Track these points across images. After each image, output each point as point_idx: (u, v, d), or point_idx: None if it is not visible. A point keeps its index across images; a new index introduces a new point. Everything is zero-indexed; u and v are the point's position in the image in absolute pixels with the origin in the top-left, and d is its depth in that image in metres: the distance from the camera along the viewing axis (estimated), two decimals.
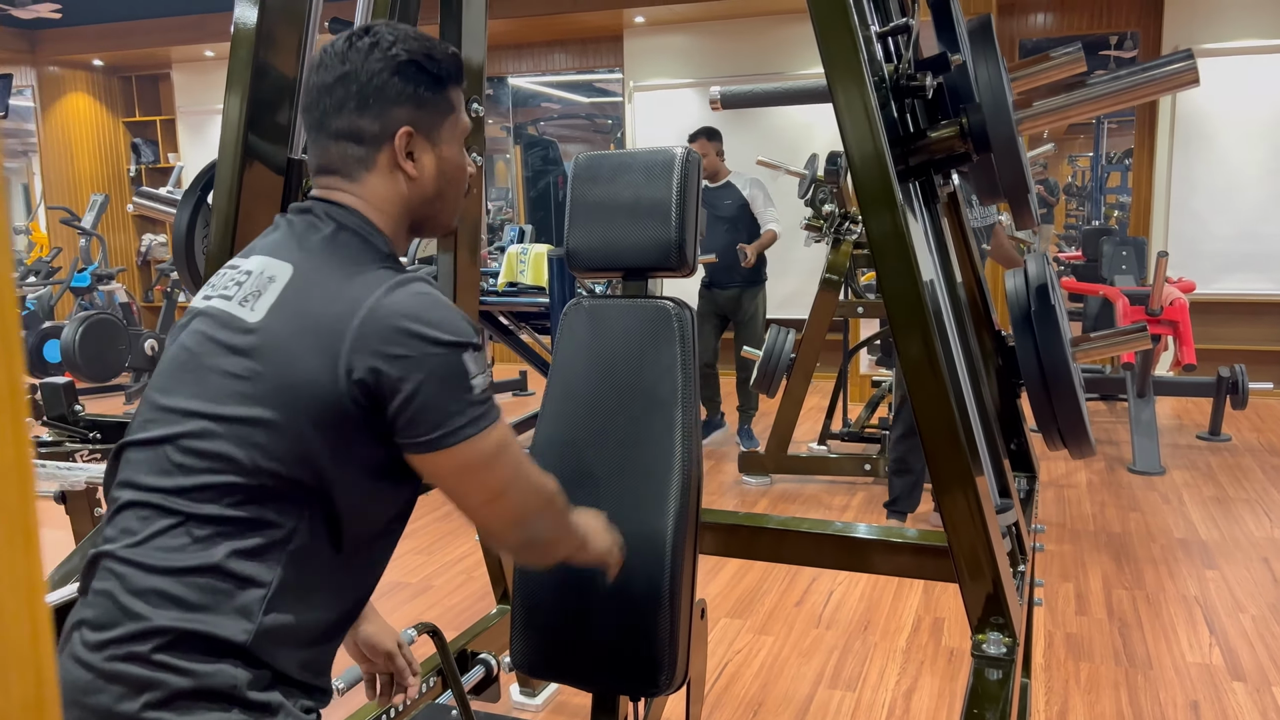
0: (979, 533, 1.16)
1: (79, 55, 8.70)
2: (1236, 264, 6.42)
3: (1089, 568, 3.60)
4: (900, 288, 1.14)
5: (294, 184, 1.65)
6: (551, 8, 7.06)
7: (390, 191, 1.16)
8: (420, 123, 1.17)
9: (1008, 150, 1.25)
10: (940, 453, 1.15)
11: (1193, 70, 1.24)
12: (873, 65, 1.23)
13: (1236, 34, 6.32)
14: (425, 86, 1.17)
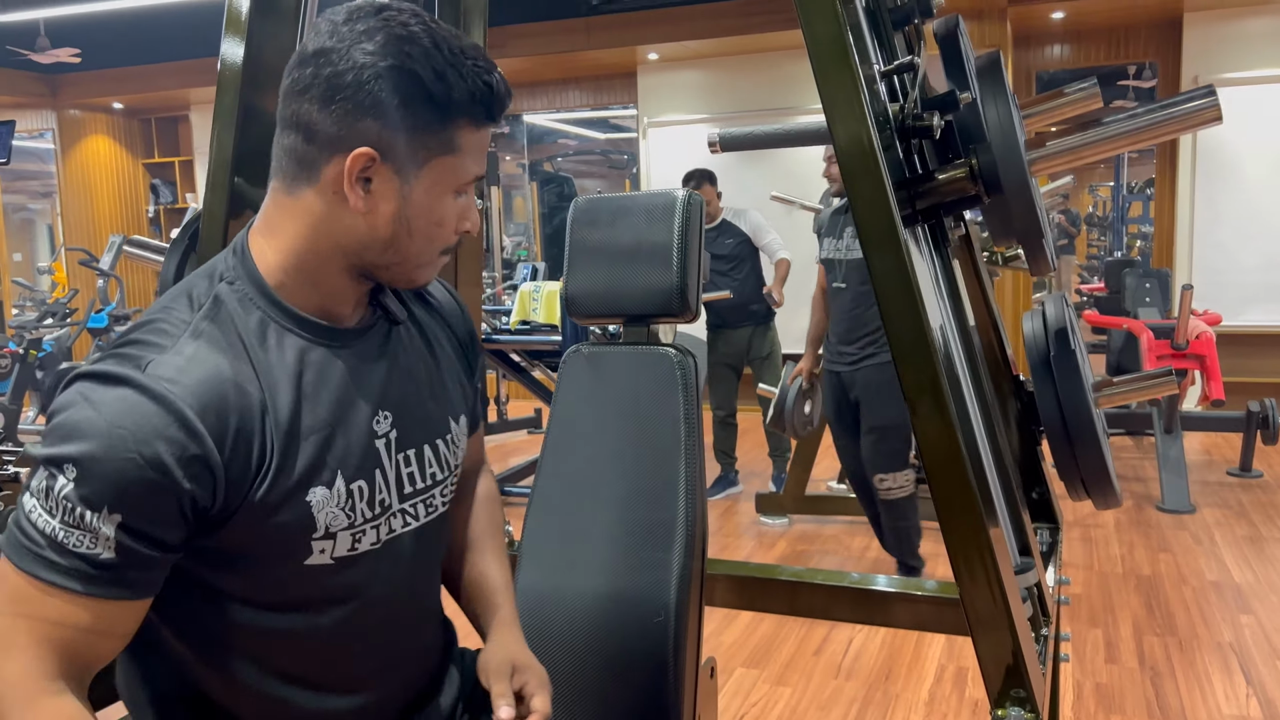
0: (996, 602, 1.08)
1: (99, 99, 8.81)
2: (1264, 295, 6.29)
3: (1118, 612, 3.48)
4: (907, 341, 1.07)
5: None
6: (565, 45, 7.08)
7: (324, 219, 0.94)
8: (391, 149, 0.92)
9: (1020, 193, 1.19)
10: (953, 517, 1.08)
11: (1215, 107, 1.17)
12: (876, 105, 1.17)
13: (1257, 63, 6.24)
14: (418, 108, 0.91)
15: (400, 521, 1.05)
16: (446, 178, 0.95)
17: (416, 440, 1.05)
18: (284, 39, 1.56)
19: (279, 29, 1.55)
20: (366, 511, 1.00)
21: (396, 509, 1.04)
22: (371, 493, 1.00)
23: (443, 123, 0.93)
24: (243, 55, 1.48)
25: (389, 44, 0.91)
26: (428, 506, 1.08)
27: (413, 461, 1.05)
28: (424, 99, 0.92)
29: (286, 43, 1.56)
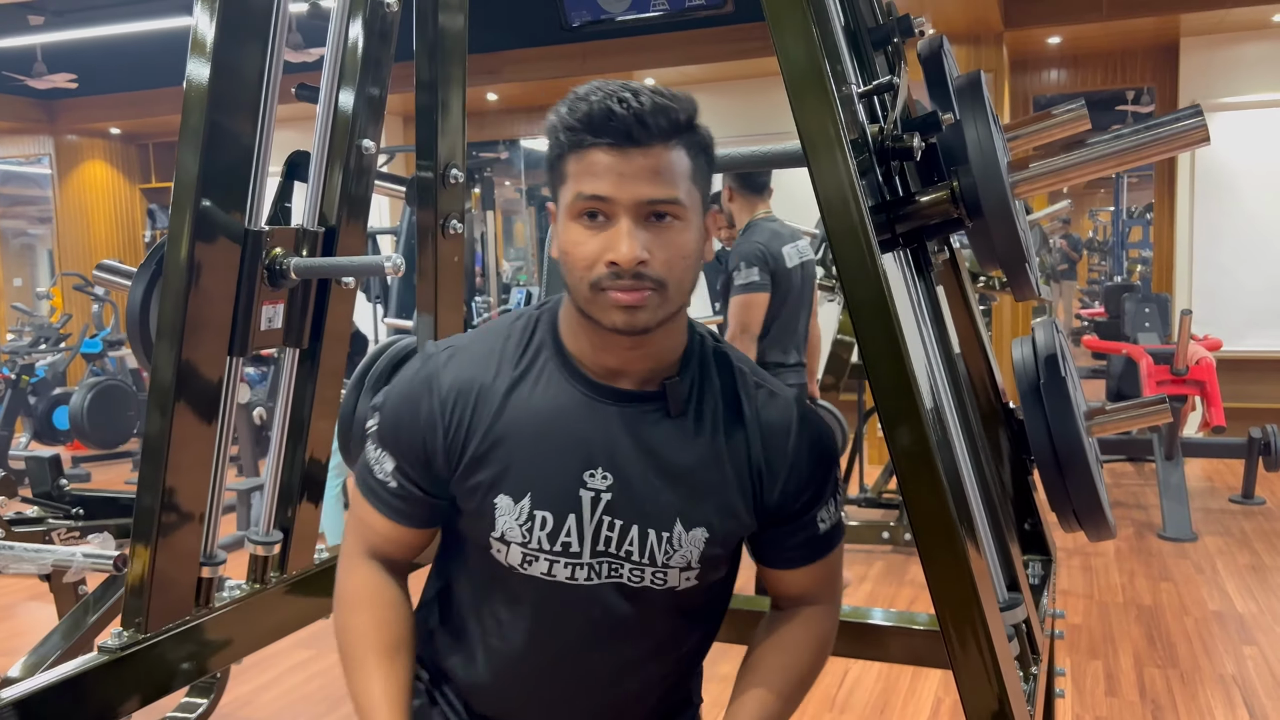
0: (979, 643, 1.03)
1: (96, 124, 8.82)
2: (1264, 320, 6.25)
3: (1119, 643, 3.41)
4: (885, 370, 1.03)
5: (252, 257, 1.57)
6: (561, 71, 7.08)
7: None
8: (552, 192, 1.08)
9: (1001, 215, 1.14)
10: (933, 553, 1.03)
11: (1202, 128, 1.13)
12: (854, 126, 1.13)
13: (1254, 88, 6.23)
14: (549, 149, 1.08)
15: (601, 573, 1.12)
16: (567, 206, 1.05)
17: (629, 515, 1.11)
18: (252, 61, 1.53)
19: (247, 51, 1.51)
20: (545, 542, 1.11)
21: (588, 560, 1.11)
22: (556, 528, 1.10)
23: (557, 155, 1.06)
24: (208, 76, 1.45)
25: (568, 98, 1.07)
26: (631, 576, 1.12)
27: (617, 529, 1.11)
28: (549, 138, 1.07)
29: (254, 65, 1.53)
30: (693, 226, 1.07)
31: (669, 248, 1.04)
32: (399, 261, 1.50)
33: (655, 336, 1.08)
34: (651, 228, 1.03)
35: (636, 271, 1.01)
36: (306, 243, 1.72)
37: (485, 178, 6.24)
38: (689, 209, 1.06)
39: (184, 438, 1.56)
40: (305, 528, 1.91)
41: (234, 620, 1.72)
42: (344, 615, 1.22)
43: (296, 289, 1.71)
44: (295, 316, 1.73)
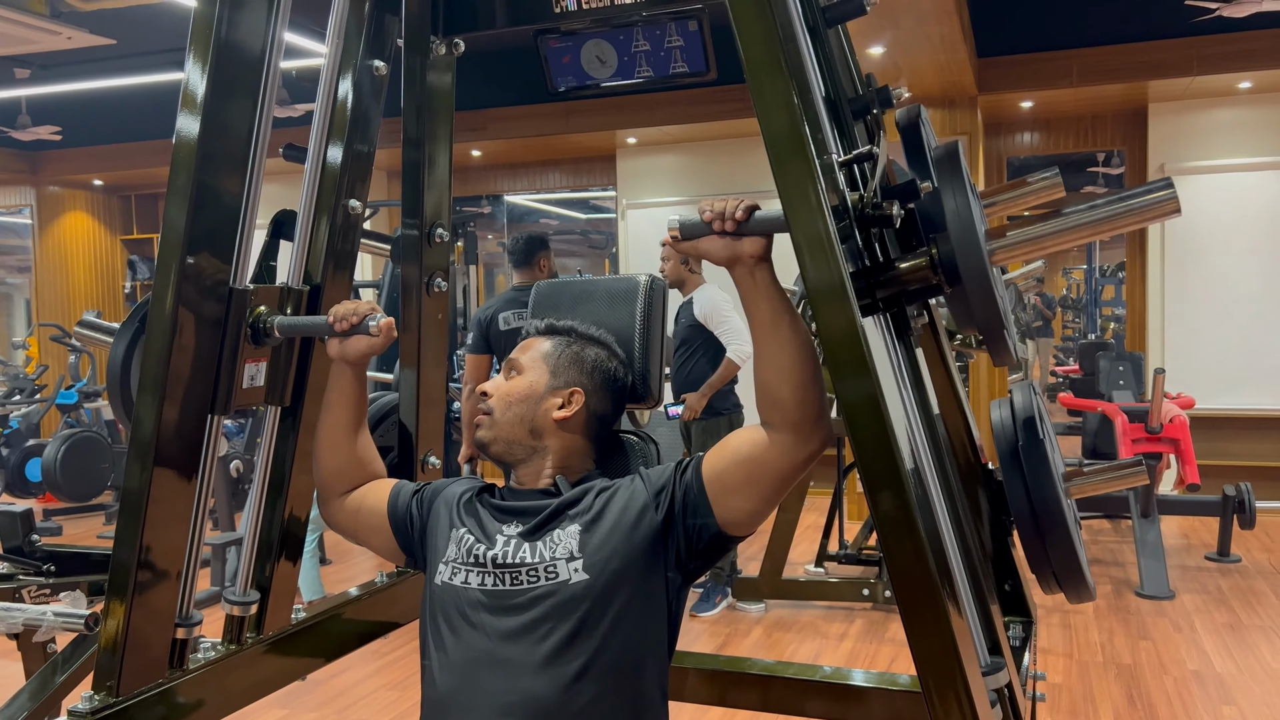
0: (963, 710, 1.03)
1: (79, 175, 8.82)
2: (1237, 379, 6.33)
3: (1099, 703, 3.40)
4: (866, 434, 1.04)
5: (236, 315, 1.57)
6: (546, 129, 7.17)
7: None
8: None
9: (979, 283, 1.17)
10: (915, 617, 1.03)
11: (1173, 200, 1.17)
12: (834, 193, 1.16)
13: (1220, 153, 6.38)
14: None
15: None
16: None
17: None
18: (242, 119, 1.54)
19: (237, 109, 1.53)
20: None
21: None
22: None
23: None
24: (198, 133, 1.46)
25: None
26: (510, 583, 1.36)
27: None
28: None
29: (244, 123, 1.54)
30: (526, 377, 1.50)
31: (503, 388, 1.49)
32: (384, 321, 1.51)
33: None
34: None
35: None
36: (291, 301, 1.73)
37: (469, 232, 6.28)
38: (528, 368, 1.50)
39: (163, 494, 1.54)
40: (283, 585, 1.89)
41: (209, 682, 1.69)
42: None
43: (280, 346, 1.71)
44: (278, 374, 1.73)
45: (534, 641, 1.30)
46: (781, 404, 1.26)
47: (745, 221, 1.22)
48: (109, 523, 6.70)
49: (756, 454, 1.30)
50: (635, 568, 1.35)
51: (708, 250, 1.27)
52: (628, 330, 1.63)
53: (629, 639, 1.31)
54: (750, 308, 1.27)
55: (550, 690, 1.27)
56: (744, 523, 1.36)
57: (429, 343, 2.16)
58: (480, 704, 1.29)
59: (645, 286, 1.65)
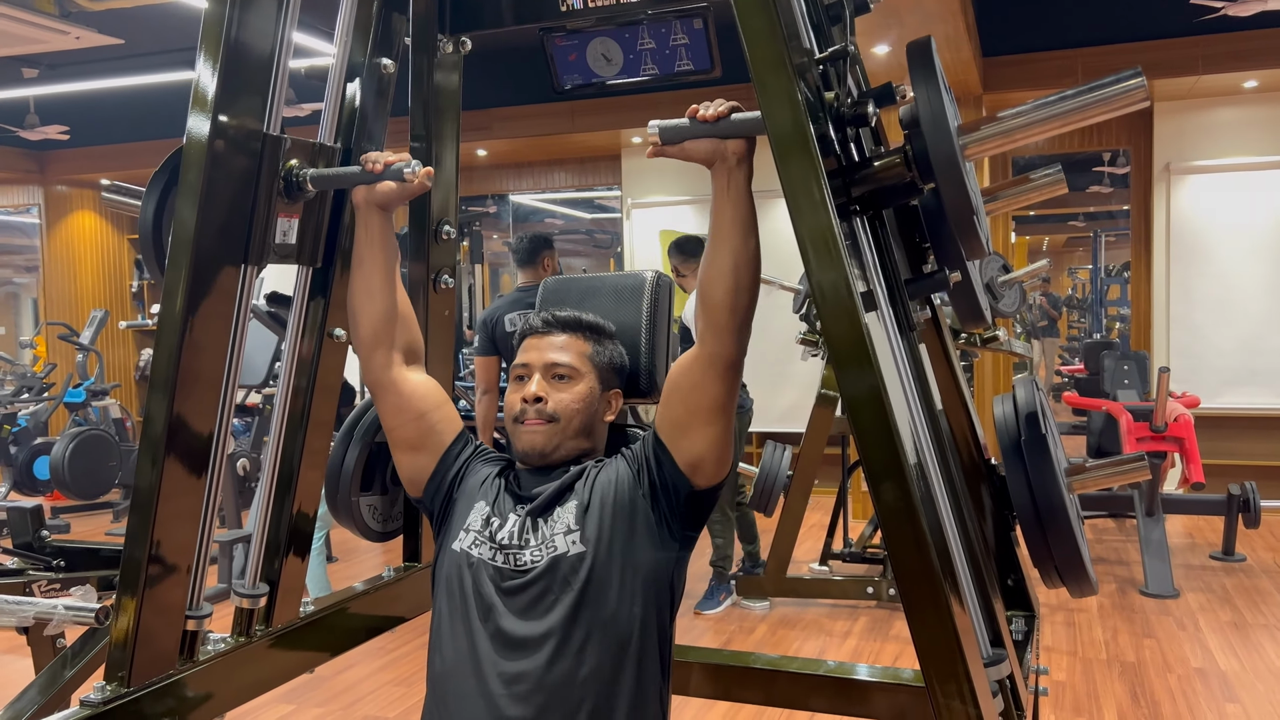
0: (964, 700, 1.05)
1: (86, 174, 8.86)
2: (1241, 378, 6.33)
3: (1103, 700, 3.41)
4: (870, 427, 1.06)
5: (269, 164, 1.57)
6: (551, 128, 7.19)
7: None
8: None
9: (950, 173, 1.19)
10: (918, 610, 1.05)
11: (1141, 89, 1.19)
12: (811, 93, 1.17)
13: (1226, 151, 6.38)
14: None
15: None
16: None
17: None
18: (251, 117, 1.56)
19: (246, 108, 1.55)
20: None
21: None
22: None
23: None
24: (208, 132, 1.48)
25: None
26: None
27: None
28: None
29: (253, 121, 1.56)
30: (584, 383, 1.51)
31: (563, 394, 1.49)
32: (422, 169, 1.51)
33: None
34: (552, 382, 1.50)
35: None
36: (323, 158, 1.72)
37: (474, 231, 6.30)
38: (582, 373, 1.51)
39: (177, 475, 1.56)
40: (291, 580, 1.90)
41: (219, 674, 1.70)
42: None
43: (313, 204, 1.68)
44: (309, 232, 1.67)
45: (537, 615, 1.33)
46: (713, 304, 1.32)
47: (725, 116, 1.26)
48: (117, 520, 6.73)
49: (685, 377, 1.38)
50: (630, 539, 1.39)
51: (691, 150, 1.31)
52: (634, 326, 1.65)
53: (629, 609, 1.35)
54: (717, 209, 1.31)
55: (556, 659, 1.30)
56: (705, 461, 1.39)
57: (436, 340, 2.17)
58: (488, 673, 1.31)
59: (651, 283, 1.67)
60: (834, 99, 1.23)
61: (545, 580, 1.35)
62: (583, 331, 1.56)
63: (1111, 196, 9.44)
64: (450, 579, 1.44)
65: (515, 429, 1.50)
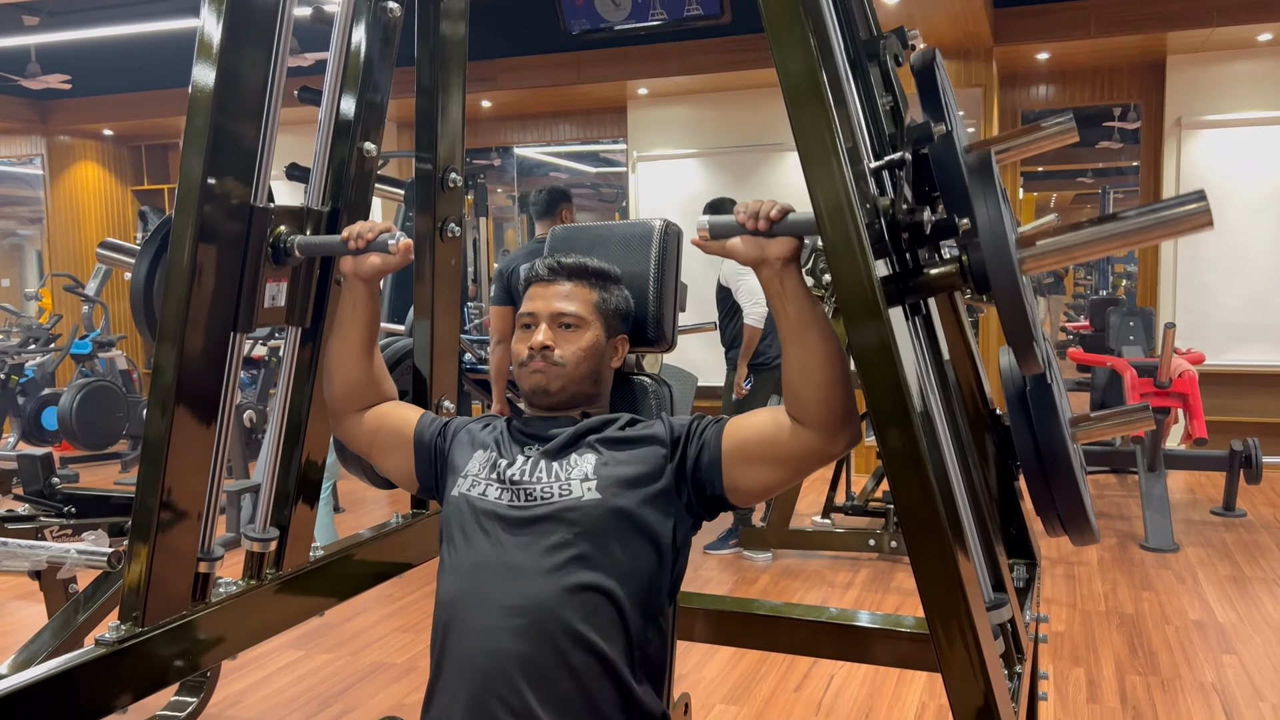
0: (967, 639, 1.06)
1: (89, 125, 8.81)
2: (1247, 335, 6.32)
3: (1101, 651, 3.45)
4: (877, 373, 1.06)
5: (256, 234, 1.59)
6: (555, 80, 7.12)
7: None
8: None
9: (1010, 294, 1.17)
10: (923, 553, 1.06)
11: (1206, 214, 1.17)
12: (866, 199, 1.16)
13: (1239, 106, 6.31)
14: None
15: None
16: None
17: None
18: (257, 66, 1.55)
19: (252, 56, 1.54)
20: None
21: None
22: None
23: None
24: (214, 80, 1.47)
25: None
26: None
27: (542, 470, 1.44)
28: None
29: (259, 69, 1.55)
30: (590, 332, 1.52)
31: (570, 343, 1.50)
32: (403, 241, 1.52)
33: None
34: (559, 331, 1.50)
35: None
36: (311, 222, 1.74)
37: (479, 184, 6.27)
38: (588, 321, 1.52)
39: (187, 423, 1.58)
40: (301, 526, 1.93)
41: (230, 615, 1.73)
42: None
43: (300, 268, 1.72)
44: (298, 295, 1.73)
45: (542, 551, 1.34)
46: (806, 405, 1.29)
47: (778, 221, 1.24)
48: (125, 471, 6.79)
49: (783, 438, 1.34)
50: (645, 502, 1.39)
51: (735, 250, 1.29)
52: (642, 274, 1.65)
53: (633, 565, 1.36)
54: (777, 310, 1.30)
55: (554, 596, 1.31)
56: (750, 494, 1.40)
57: (443, 290, 2.18)
58: (486, 605, 1.33)
59: (660, 231, 1.67)
60: (889, 205, 1.23)
61: (554, 521, 1.36)
62: (589, 279, 1.56)
63: (1121, 152, 9.35)
64: (451, 522, 1.46)
65: (522, 372, 1.51)
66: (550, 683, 1.28)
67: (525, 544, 1.36)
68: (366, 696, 3.17)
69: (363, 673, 3.36)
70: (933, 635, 1.09)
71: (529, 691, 1.27)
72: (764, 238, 1.26)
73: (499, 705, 1.28)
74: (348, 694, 3.19)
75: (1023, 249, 1.25)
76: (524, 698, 1.27)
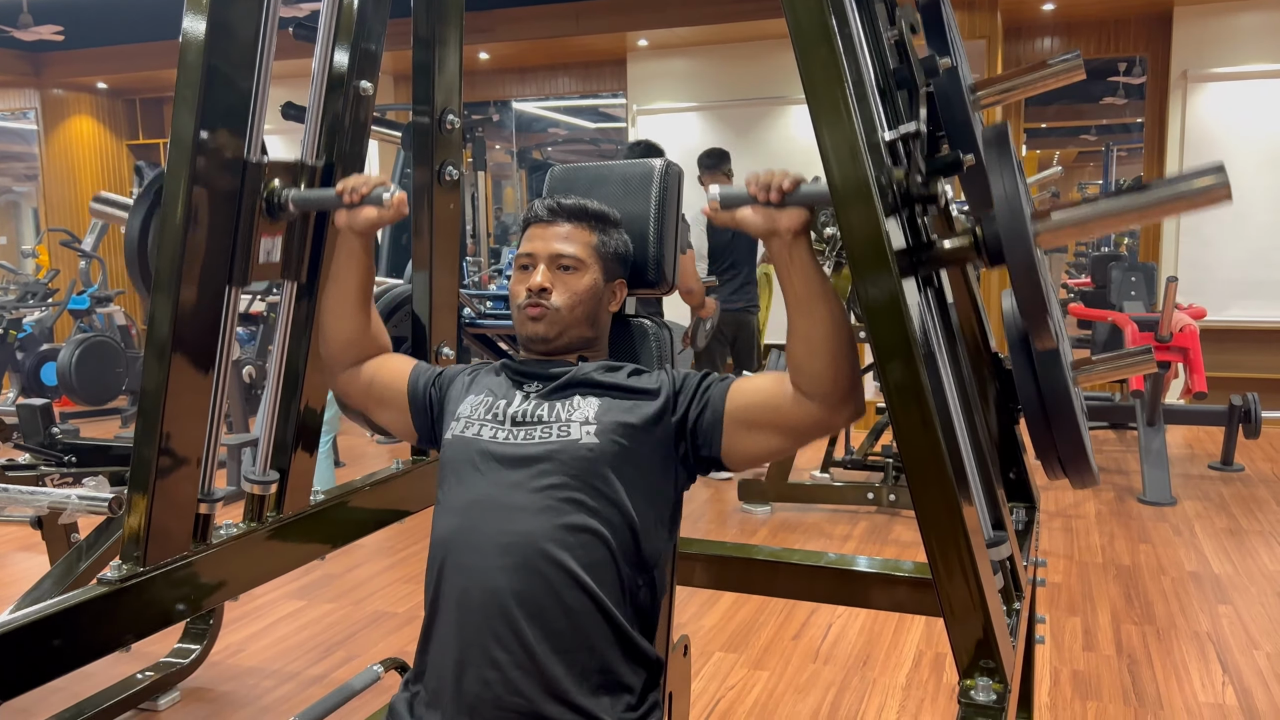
0: (966, 571, 1.06)
1: (83, 78, 8.71)
2: (1248, 290, 6.31)
3: (1097, 601, 3.48)
4: (881, 309, 1.05)
5: (250, 188, 1.57)
6: (554, 31, 7.03)
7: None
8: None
9: (1025, 268, 1.15)
10: (924, 486, 1.06)
11: (1225, 187, 1.14)
12: (882, 172, 1.14)
13: (1245, 58, 6.24)
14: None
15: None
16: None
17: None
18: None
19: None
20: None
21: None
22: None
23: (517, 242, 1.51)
24: (205, 31, 1.45)
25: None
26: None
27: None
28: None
29: (250, 21, 1.53)
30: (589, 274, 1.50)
31: (567, 286, 1.48)
32: (397, 195, 1.51)
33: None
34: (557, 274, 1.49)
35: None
36: (305, 176, 1.73)
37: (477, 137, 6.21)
38: (587, 264, 1.50)
39: (183, 374, 1.57)
40: (301, 474, 1.93)
41: (231, 557, 1.74)
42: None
43: (295, 222, 1.72)
44: (294, 249, 1.74)
45: (537, 490, 1.34)
46: (811, 377, 1.28)
47: (790, 193, 1.23)
48: (125, 426, 6.80)
49: (786, 406, 1.33)
50: (643, 451, 1.38)
51: (745, 220, 1.27)
52: (642, 215, 1.63)
53: (629, 510, 1.35)
54: (785, 282, 1.28)
55: (549, 534, 1.31)
56: (745, 458, 1.40)
57: (441, 239, 2.16)
58: (481, 543, 1.33)
59: (660, 171, 1.65)
60: (903, 177, 1.20)
61: (550, 459, 1.36)
62: (588, 221, 1.54)
63: (1125, 109, 9.27)
64: (446, 464, 1.46)
65: (519, 316, 1.50)
66: (546, 619, 1.29)
67: (520, 481, 1.35)
68: (369, 644, 3.19)
69: (364, 621, 3.39)
70: (932, 567, 1.09)
71: (525, 626, 1.28)
72: (775, 209, 1.24)
73: (494, 641, 1.28)
74: (350, 642, 3.22)
75: (1038, 222, 1.24)
76: (520, 632, 1.27)
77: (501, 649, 1.28)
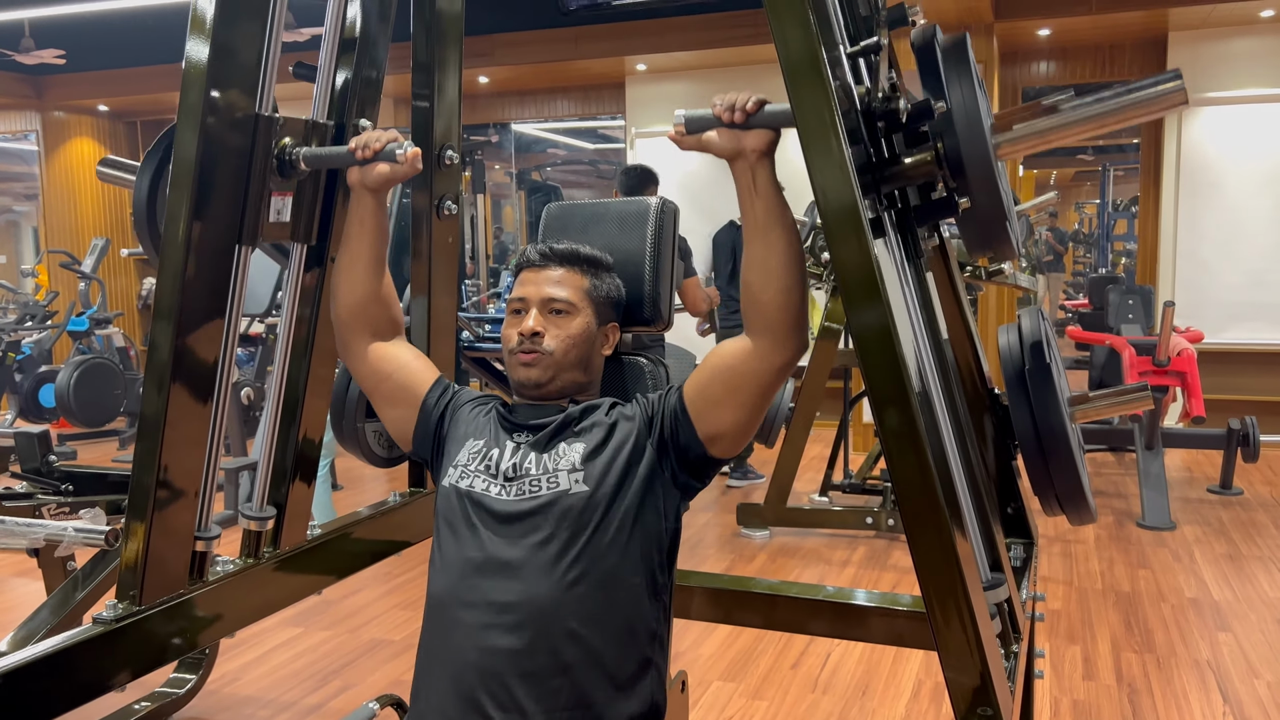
0: (963, 620, 1.06)
1: (84, 100, 8.74)
2: (1246, 313, 6.32)
3: (1097, 629, 3.46)
4: (875, 353, 1.06)
5: (261, 144, 1.56)
6: (554, 55, 7.07)
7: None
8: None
9: (984, 175, 1.17)
10: (920, 533, 1.06)
11: (1181, 91, 1.16)
12: (842, 88, 1.15)
13: (1240, 83, 6.28)
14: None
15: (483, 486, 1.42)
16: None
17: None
18: (250, 40, 1.53)
19: (246, 30, 1.52)
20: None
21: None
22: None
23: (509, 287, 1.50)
24: (208, 55, 1.46)
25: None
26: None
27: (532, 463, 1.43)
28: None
29: (253, 44, 1.54)
30: (580, 318, 1.50)
31: (560, 330, 1.48)
32: (411, 150, 1.50)
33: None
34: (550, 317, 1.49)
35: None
36: (316, 135, 1.72)
37: (476, 160, 6.24)
38: (579, 308, 1.50)
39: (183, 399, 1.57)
40: (299, 504, 1.93)
41: (228, 594, 1.73)
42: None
43: (306, 182, 1.68)
44: (304, 210, 1.69)
45: (533, 546, 1.34)
46: (764, 306, 1.30)
47: (754, 113, 1.23)
48: (123, 448, 6.79)
49: (735, 363, 1.35)
50: (633, 486, 1.39)
51: (711, 143, 1.29)
52: (638, 253, 1.64)
53: (626, 551, 1.35)
54: (745, 206, 1.29)
55: (547, 591, 1.31)
56: (726, 437, 1.39)
57: (440, 269, 2.17)
58: (478, 602, 1.33)
59: (656, 209, 1.65)
60: (865, 94, 1.21)
61: (543, 514, 1.35)
62: (580, 265, 1.55)
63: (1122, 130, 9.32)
64: (442, 514, 1.46)
65: (512, 361, 1.50)
66: (540, 679, 1.28)
67: (515, 538, 1.35)
68: (365, 673, 3.18)
69: (361, 650, 3.37)
70: (930, 615, 1.09)
71: (518, 687, 1.27)
72: (740, 130, 1.25)
73: (488, 700, 1.28)
74: (346, 670, 3.20)
75: (998, 133, 1.25)
76: (513, 693, 1.27)
77: (497, 708, 1.27)
